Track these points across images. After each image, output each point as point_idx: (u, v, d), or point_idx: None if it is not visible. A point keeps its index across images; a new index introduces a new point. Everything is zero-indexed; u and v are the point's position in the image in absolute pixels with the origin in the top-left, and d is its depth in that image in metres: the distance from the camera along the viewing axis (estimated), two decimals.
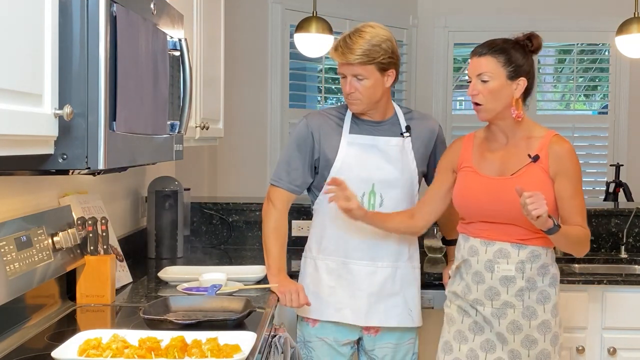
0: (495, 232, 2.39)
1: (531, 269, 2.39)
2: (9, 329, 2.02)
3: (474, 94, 2.40)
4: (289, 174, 2.67)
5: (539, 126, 2.47)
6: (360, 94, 2.55)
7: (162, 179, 3.39)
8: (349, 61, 2.52)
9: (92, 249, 2.40)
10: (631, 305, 3.04)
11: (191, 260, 3.33)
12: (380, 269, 2.63)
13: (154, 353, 1.79)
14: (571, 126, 5.92)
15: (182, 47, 2.19)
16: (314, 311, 2.67)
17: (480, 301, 2.41)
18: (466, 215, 2.47)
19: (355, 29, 2.57)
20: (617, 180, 4.90)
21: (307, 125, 2.67)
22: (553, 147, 2.39)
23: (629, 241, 3.60)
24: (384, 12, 5.50)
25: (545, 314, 2.40)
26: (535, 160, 2.38)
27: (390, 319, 2.64)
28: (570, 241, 2.38)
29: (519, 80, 2.38)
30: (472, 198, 2.43)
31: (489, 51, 2.39)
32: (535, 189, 2.29)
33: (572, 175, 2.38)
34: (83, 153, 1.61)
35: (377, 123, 2.65)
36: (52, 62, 1.49)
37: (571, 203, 2.38)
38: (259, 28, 5.06)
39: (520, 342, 2.39)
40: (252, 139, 5.06)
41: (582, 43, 5.96)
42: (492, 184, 2.40)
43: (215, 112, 3.25)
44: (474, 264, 2.43)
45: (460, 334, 2.46)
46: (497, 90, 2.37)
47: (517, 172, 2.38)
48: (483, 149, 2.49)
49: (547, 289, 2.42)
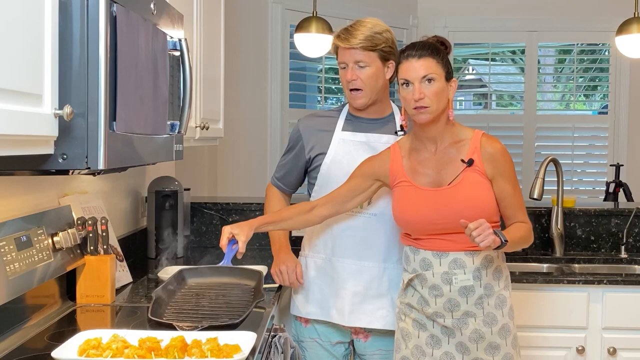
0: (446, 243, 2.34)
1: (487, 274, 2.34)
2: (9, 329, 2.02)
3: (420, 97, 2.29)
4: (282, 175, 2.76)
5: (464, 127, 2.42)
6: (362, 81, 2.53)
7: (162, 179, 3.39)
8: (352, 45, 2.51)
9: (92, 249, 2.40)
10: (631, 305, 3.04)
11: (191, 260, 3.33)
12: (366, 268, 2.59)
13: (153, 353, 1.79)
14: (571, 126, 5.93)
15: (182, 47, 2.19)
16: (303, 310, 2.68)
17: (439, 314, 2.35)
18: (412, 231, 2.39)
19: (357, 20, 2.59)
20: (617, 180, 4.90)
21: (298, 128, 2.71)
22: (485, 149, 2.35)
23: (629, 241, 3.60)
24: (384, 12, 5.50)
25: (504, 317, 2.36)
26: (470, 165, 2.33)
27: (376, 321, 2.58)
28: (517, 244, 2.36)
29: (452, 82, 2.36)
30: (413, 213, 2.36)
31: (428, 52, 2.31)
32: (476, 193, 2.30)
33: (508, 174, 2.36)
34: (83, 153, 1.61)
35: (372, 120, 2.63)
36: (52, 62, 1.49)
37: (512, 201, 2.37)
38: (259, 28, 5.06)
39: (483, 350, 2.34)
40: (252, 139, 5.06)
41: (582, 43, 5.96)
42: (432, 197, 2.34)
43: (215, 112, 3.25)
44: (429, 278, 2.35)
45: (418, 349, 2.39)
46: (440, 91, 2.31)
47: (455, 180, 2.33)
48: (413, 160, 2.41)
49: (503, 292, 2.38)
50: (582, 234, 3.65)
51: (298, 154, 2.69)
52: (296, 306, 2.70)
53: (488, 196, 2.33)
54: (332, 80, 5.52)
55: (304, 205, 2.55)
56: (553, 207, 3.57)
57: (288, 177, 2.74)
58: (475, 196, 2.32)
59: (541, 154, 5.81)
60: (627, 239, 3.57)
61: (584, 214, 3.66)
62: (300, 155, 2.68)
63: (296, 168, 2.71)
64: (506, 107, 6.36)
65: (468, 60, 6.44)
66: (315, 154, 2.65)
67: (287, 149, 2.74)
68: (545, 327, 3.04)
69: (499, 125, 5.95)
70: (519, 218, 2.39)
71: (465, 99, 6.60)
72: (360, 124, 2.63)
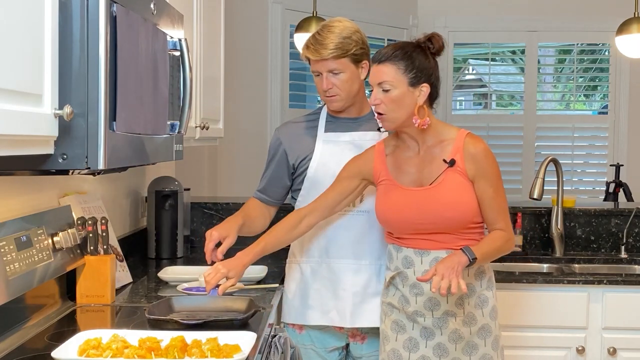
0: (428, 243, 2.32)
1: (468, 274, 2.31)
2: (9, 329, 2.02)
3: (375, 103, 2.27)
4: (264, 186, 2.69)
5: (449, 127, 2.38)
6: (338, 88, 2.52)
7: (162, 179, 3.39)
8: (323, 56, 2.49)
9: (92, 249, 2.40)
10: (631, 305, 3.04)
11: (191, 260, 3.33)
12: (364, 266, 2.57)
13: (154, 353, 1.79)
14: (571, 126, 5.93)
15: (182, 47, 2.19)
16: (299, 317, 2.63)
17: (420, 312, 2.33)
18: (393, 230, 2.39)
19: (323, 25, 2.56)
20: (617, 180, 4.90)
21: (276, 137, 2.68)
22: (468, 149, 2.30)
23: (629, 241, 3.60)
24: (384, 12, 5.50)
25: (484, 317, 2.34)
26: (452, 165, 2.30)
27: (377, 320, 2.54)
28: (492, 256, 2.33)
29: (422, 87, 2.27)
30: (395, 212, 2.34)
31: (388, 58, 2.26)
32: (456, 194, 2.28)
33: (490, 175, 2.31)
34: (83, 153, 1.61)
35: (353, 120, 2.61)
36: (52, 62, 1.49)
37: (492, 204, 2.31)
38: (259, 28, 5.06)
39: (461, 350, 2.32)
40: (252, 139, 5.06)
41: (582, 43, 5.96)
42: (413, 196, 2.32)
43: (215, 112, 3.25)
44: (410, 276, 2.34)
45: (395, 352, 2.38)
46: (399, 99, 2.25)
47: (436, 180, 2.31)
48: (397, 158, 2.38)
49: (485, 292, 2.36)
50: (582, 234, 3.65)
51: (280, 162, 2.64)
52: (291, 313, 2.65)
53: (469, 197, 2.30)
54: None
55: (291, 219, 2.48)
56: (553, 207, 3.57)
57: (271, 187, 2.68)
58: (455, 197, 2.29)
59: (541, 154, 5.81)
60: (627, 239, 3.57)
61: (584, 214, 3.65)
62: (282, 163, 2.64)
63: (279, 177, 2.66)
64: (506, 107, 6.36)
65: (468, 60, 6.44)
66: (300, 160, 2.61)
67: (268, 160, 2.69)
68: (545, 327, 3.04)
69: (499, 125, 5.95)
70: (499, 224, 2.33)
71: (465, 99, 6.60)
72: (342, 123, 2.61)
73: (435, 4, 5.89)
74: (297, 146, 2.62)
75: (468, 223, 2.32)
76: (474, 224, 2.33)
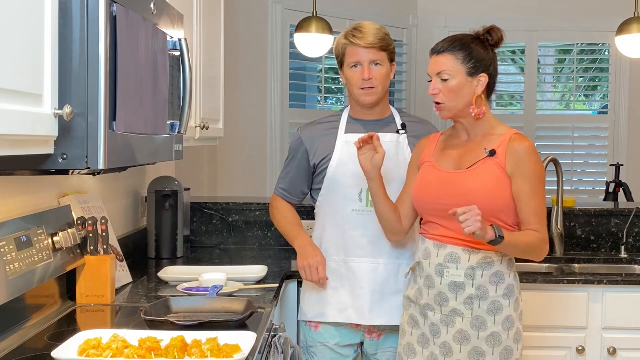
0: (448, 232, 2.32)
1: (482, 276, 2.29)
2: (9, 329, 2.02)
3: (434, 93, 2.32)
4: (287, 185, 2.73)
5: (502, 125, 2.39)
6: (376, 80, 2.56)
7: (162, 179, 3.39)
8: (369, 43, 2.53)
9: (92, 249, 2.40)
10: (631, 305, 3.04)
11: (191, 260, 3.33)
12: (382, 265, 2.60)
13: (154, 353, 1.79)
14: (571, 126, 5.93)
15: (182, 47, 2.19)
16: (316, 314, 2.66)
17: (430, 306, 2.35)
18: (420, 210, 2.43)
19: (359, 23, 2.60)
20: (617, 180, 4.90)
21: (298, 136, 2.71)
22: (512, 144, 2.30)
23: (629, 241, 3.60)
24: (384, 12, 5.50)
25: (496, 326, 2.30)
26: (492, 155, 2.30)
27: (395, 318, 2.59)
28: (521, 250, 2.29)
29: (480, 77, 2.31)
30: (425, 191, 2.38)
31: (447, 48, 2.31)
32: (486, 182, 2.27)
33: (529, 175, 2.28)
34: (83, 153, 1.61)
35: (374, 122, 2.65)
36: (52, 62, 1.49)
37: (529, 204, 2.27)
38: (259, 28, 5.06)
39: (467, 354, 2.30)
40: (252, 139, 5.06)
41: (582, 43, 5.97)
42: (446, 178, 2.34)
43: (215, 112, 3.25)
44: (426, 267, 2.37)
45: (410, 347, 2.42)
46: (457, 89, 2.30)
47: (473, 166, 2.32)
48: (445, 145, 2.43)
49: (500, 299, 2.31)
50: (582, 234, 3.65)
51: (301, 161, 2.68)
52: (310, 311, 2.67)
53: (499, 190, 2.28)
54: (332, 80, 5.51)
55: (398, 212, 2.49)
56: (553, 207, 3.57)
57: (294, 187, 2.72)
58: (484, 185, 2.27)
59: (541, 154, 5.75)
60: (627, 239, 3.57)
61: (584, 214, 3.66)
62: (303, 162, 2.68)
63: (301, 176, 2.70)
64: (506, 107, 6.35)
65: None
66: (320, 159, 2.65)
67: (289, 158, 2.73)
68: (545, 327, 3.04)
69: None
70: (533, 225, 2.28)
71: None
72: (363, 125, 2.65)
73: (435, 4, 5.89)
74: (317, 146, 2.66)
75: (492, 216, 2.27)
76: (500, 222, 2.28)
